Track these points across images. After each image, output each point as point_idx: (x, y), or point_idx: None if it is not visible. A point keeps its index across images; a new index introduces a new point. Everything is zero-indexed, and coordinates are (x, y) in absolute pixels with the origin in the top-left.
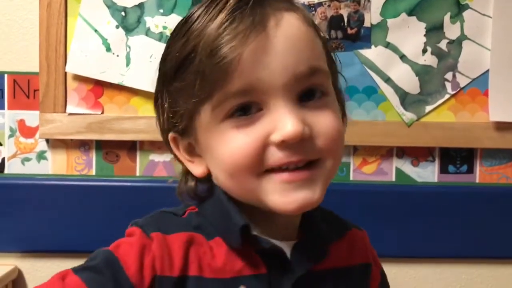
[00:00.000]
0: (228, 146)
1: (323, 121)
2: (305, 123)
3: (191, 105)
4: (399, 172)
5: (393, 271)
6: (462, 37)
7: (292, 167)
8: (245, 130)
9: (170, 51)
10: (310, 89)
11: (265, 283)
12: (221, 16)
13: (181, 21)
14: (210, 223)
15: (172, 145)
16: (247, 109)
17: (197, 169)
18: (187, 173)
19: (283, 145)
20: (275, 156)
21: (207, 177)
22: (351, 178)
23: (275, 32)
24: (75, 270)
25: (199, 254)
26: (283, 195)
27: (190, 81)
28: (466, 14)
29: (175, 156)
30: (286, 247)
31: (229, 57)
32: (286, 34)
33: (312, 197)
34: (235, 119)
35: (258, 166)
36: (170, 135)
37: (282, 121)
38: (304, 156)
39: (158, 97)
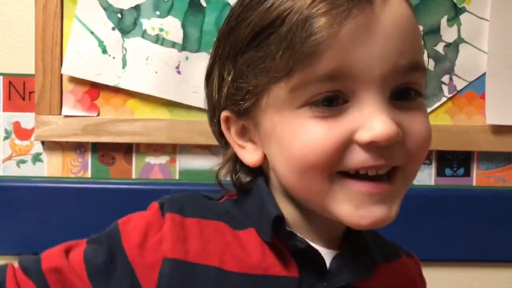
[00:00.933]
0: (303, 138)
1: (416, 125)
2: (400, 125)
3: (265, 80)
4: None
5: None
6: (459, 40)
7: (372, 173)
8: (327, 123)
9: (245, 18)
10: (406, 87)
11: (291, 286)
12: None
13: None
14: (245, 213)
15: (223, 125)
16: (332, 100)
17: (250, 157)
18: (234, 159)
19: (370, 146)
20: (358, 157)
21: (258, 168)
22: None
23: (381, 11)
24: (88, 241)
25: (222, 244)
26: (358, 207)
27: (270, 52)
28: (463, 17)
29: (221, 139)
30: (327, 255)
31: (324, 32)
32: (395, 16)
33: (388, 214)
34: (316, 108)
35: (334, 167)
36: (224, 113)
37: (373, 119)
38: (390, 161)
39: (214, 70)
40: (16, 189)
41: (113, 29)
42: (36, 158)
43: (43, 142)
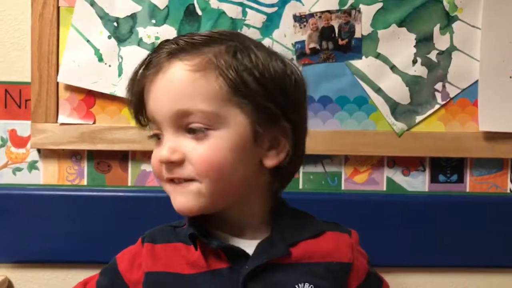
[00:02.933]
0: (152, 158)
1: (196, 152)
2: (177, 150)
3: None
4: (390, 181)
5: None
6: (452, 48)
7: (176, 181)
8: (157, 148)
9: None
10: (189, 127)
11: (225, 274)
12: (144, 62)
13: None
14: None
15: None
16: (158, 135)
17: None
18: None
19: (164, 165)
20: (163, 171)
21: None
22: (343, 188)
23: (161, 78)
24: (99, 274)
25: (178, 258)
26: (172, 199)
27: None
28: (455, 25)
29: None
30: (251, 245)
31: (135, 93)
32: (165, 80)
33: (185, 203)
34: (156, 137)
35: (162, 177)
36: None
37: (162, 147)
38: (177, 175)
39: None
40: (12, 197)
41: (109, 37)
42: (32, 166)
43: (39, 150)
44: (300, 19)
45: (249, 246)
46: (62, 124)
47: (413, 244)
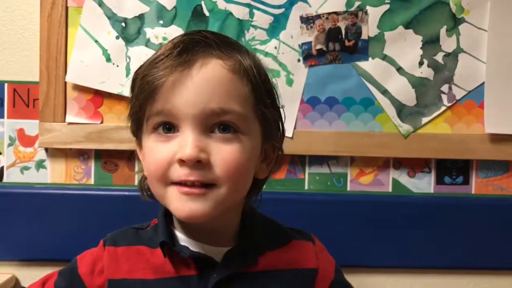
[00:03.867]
0: (151, 156)
1: (224, 153)
2: (205, 150)
3: (139, 115)
4: (395, 183)
5: (389, 282)
6: (458, 50)
7: (189, 184)
8: (163, 145)
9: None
10: (222, 124)
11: (193, 282)
12: (160, 52)
13: None
14: (156, 235)
15: (137, 147)
16: (170, 128)
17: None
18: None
19: (183, 164)
20: (177, 172)
21: None
22: (348, 189)
23: (197, 72)
24: (58, 273)
25: (142, 262)
26: (180, 203)
27: (131, 97)
28: (462, 27)
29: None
30: (221, 252)
31: (154, 83)
32: (206, 75)
33: (201, 210)
34: (159, 134)
35: (166, 178)
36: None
37: (185, 144)
38: (199, 177)
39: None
40: (19, 196)
41: (117, 37)
42: (40, 165)
43: (46, 149)
44: (307, 20)
45: (217, 254)
46: (69, 123)
47: (418, 245)
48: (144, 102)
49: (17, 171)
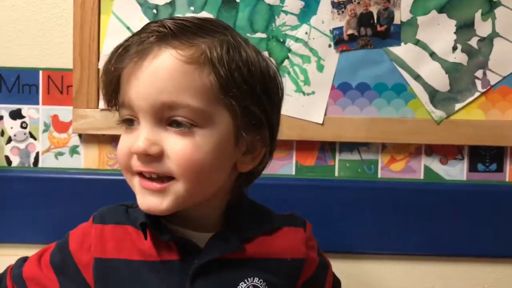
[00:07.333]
0: (118, 146)
1: (177, 147)
2: (157, 143)
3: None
4: (427, 170)
5: (420, 269)
6: (493, 34)
7: (147, 176)
8: (127, 136)
9: None
10: (174, 121)
11: (175, 267)
12: (123, 42)
13: None
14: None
15: None
16: (132, 120)
17: None
18: None
19: (137, 156)
20: (135, 162)
21: None
22: (379, 176)
23: (149, 64)
24: (56, 244)
25: (128, 242)
26: (140, 197)
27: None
28: (497, 11)
29: None
30: (204, 238)
31: (112, 74)
32: (156, 67)
33: (158, 205)
34: (125, 126)
35: (130, 168)
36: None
37: (138, 137)
38: (152, 169)
39: None
40: (54, 180)
41: None
42: (74, 151)
43: (80, 135)
44: (338, 5)
45: (201, 239)
46: (102, 110)
47: (449, 233)
48: (107, 92)
49: (51, 156)
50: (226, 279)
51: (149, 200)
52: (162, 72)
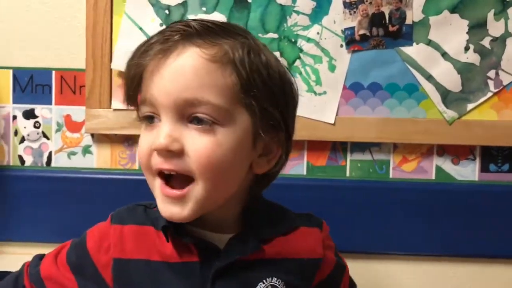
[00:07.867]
0: (139, 145)
1: (198, 144)
2: (178, 140)
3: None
4: (439, 170)
5: (432, 270)
6: (506, 34)
7: (167, 172)
8: (148, 134)
9: None
10: (196, 117)
11: (195, 268)
12: (149, 41)
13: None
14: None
15: None
16: (153, 117)
17: None
18: None
19: (157, 153)
20: (155, 160)
21: None
22: (391, 176)
23: (173, 61)
24: (72, 242)
25: (148, 242)
26: (161, 204)
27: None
28: (510, 11)
29: None
30: (224, 240)
31: (135, 71)
32: (181, 64)
33: (180, 213)
34: (146, 122)
35: (150, 167)
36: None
37: (160, 133)
38: (173, 166)
39: None
40: (66, 180)
41: (161, 25)
42: (86, 150)
43: (92, 135)
44: (350, 5)
45: (220, 240)
46: (115, 109)
47: (461, 234)
48: (129, 89)
49: (64, 156)
50: (245, 280)
51: (170, 209)
52: (186, 69)
